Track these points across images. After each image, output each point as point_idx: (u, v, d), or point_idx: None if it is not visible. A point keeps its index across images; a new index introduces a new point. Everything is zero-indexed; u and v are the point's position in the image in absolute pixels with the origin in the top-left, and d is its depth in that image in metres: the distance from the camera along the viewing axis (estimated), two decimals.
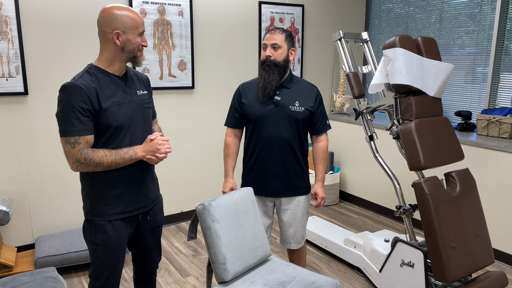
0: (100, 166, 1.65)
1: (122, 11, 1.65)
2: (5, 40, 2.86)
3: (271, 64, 2.21)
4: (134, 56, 1.71)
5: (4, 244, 2.97)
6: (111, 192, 1.74)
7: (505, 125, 3.20)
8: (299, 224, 2.39)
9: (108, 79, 1.69)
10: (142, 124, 1.80)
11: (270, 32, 2.24)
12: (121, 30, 1.65)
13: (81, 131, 1.60)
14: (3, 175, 3.01)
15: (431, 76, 2.43)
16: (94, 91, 1.62)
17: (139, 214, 1.85)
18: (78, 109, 1.59)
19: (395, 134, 2.57)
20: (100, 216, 1.74)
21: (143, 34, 1.73)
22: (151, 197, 1.89)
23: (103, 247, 1.76)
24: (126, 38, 1.66)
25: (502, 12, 3.43)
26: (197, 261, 3.14)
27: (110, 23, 1.65)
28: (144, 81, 1.89)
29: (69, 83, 1.60)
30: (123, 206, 1.77)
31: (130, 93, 1.76)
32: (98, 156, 1.63)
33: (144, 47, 1.73)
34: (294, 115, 2.24)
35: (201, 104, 3.79)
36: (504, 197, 3.06)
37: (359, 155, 4.22)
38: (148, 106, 1.85)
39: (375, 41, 4.59)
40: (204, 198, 3.97)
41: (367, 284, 2.84)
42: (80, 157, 1.61)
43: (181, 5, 3.50)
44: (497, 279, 2.28)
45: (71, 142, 1.60)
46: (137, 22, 1.68)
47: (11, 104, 2.97)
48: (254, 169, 2.33)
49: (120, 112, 1.70)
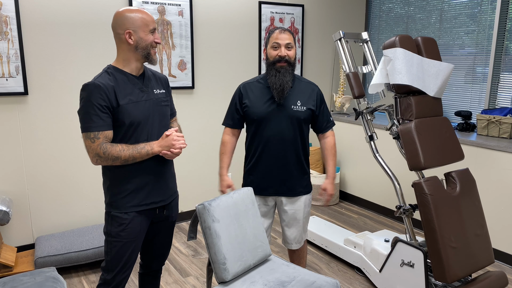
0: (118, 160, 1.73)
1: (132, 12, 1.75)
2: (5, 40, 2.86)
3: (286, 65, 2.20)
4: (148, 53, 1.78)
5: (4, 244, 2.97)
6: (129, 185, 1.81)
7: (505, 125, 3.20)
8: (300, 224, 2.39)
9: (126, 78, 1.78)
10: (159, 121, 1.87)
11: (280, 31, 2.21)
12: (132, 30, 1.73)
13: (100, 126, 1.70)
14: (3, 175, 3.01)
15: (431, 76, 2.43)
16: (111, 89, 1.71)
17: (156, 208, 1.91)
18: (97, 106, 1.68)
19: (395, 134, 2.57)
20: (118, 208, 1.81)
21: (155, 32, 1.80)
22: (168, 191, 1.94)
23: (117, 240, 1.81)
24: (138, 37, 1.74)
25: (502, 12, 3.43)
26: (197, 261, 3.14)
27: (122, 24, 1.74)
28: (162, 81, 1.97)
29: (89, 82, 1.70)
30: (140, 199, 1.83)
31: (147, 92, 1.84)
32: (116, 150, 1.71)
33: (158, 43, 1.81)
34: (296, 114, 2.24)
35: (201, 104, 3.79)
36: (504, 197, 3.06)
37: (359, 155, 4.22)
38: (165, 104, 1.92)
39: (375, 41, 4.59)
40: (204, 198, 3.97)
41: (367, 284, 2.84)
42: (100, 151, 1.70)
43: (181, 5, 3.50)
44: (497, 279, 2.28)
45: (91, 137, 1.69)
46: (147, 20, 1.76)
47: (11, 104, 2.97)
48: (256, 168, 2.33)
49: (137, 109, 1.78)
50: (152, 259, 2.08)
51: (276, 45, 2.21)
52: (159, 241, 2.04)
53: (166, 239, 2.06)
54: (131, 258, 1.86)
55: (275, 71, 2.21)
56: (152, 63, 1.83)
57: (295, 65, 2.27)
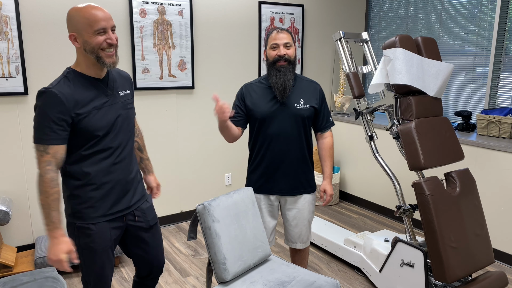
0: (40, 194, 1.60)
1: (77, 11, 1.56)
2: (5, 40, 2.86)
3: (287, 63, 2.21)
4: (97, 56, 1.59)
5: (4, 244, 2.97)
6: (93, 194, 1.70)
7: (505, 125, 3.20)
8: (305, 223, 2.38)
9: (87, 82, 1.63)
10: (126, 126, 1.77)
11: (277, 32, 2.22)
12: (76, 32, 1.57)
13: (51, 140, 1.56)
14: (3, 175, 3.01)
15: (431, 76, 2.43)
16: (71, 97, 1.57)
17: (123, 216, 1.80)
18: (51, 118, 1.55)
19: (395, 134, 2.57)
20: (83, 219, 1.70)
21: (108, 31, 1.59)
22: (135, 197, 1.84)
23: (88, 251, 1.73)
24: (83, 39, 1.57)
25: (502, 12, 3.43)
26: (197, 261, 3.14)
27: (68, 26, 1.60)
28: (127, 80, 1.83)
29: (45, 89, 1.55)
30: (105, 209, 1.73)
31: (112, 95, 1.71)
32: (47, 187, 1.58)
33: (111, 45, 1.60)
34: (300, 112, 2.24)
35: (201, 104, 3.79)
36: (504, 197, 3.06)
37: (359, 155, 4.22)
38: (131, 106, 1.80)
39: (375, 41, 4.59)
40: (204, 198, 3.97)
41: (367, 284, 2.84)
42: (42, 171, 1.57)
43: (181, 5, 3.50)
44: (497, 279, 2.28)
45: (41, 149, 1.57)
46: (91, 20, 1.55)
47: (11, 104, 2.97)
48: (260, 167, 2.32)
49: (101, 116, 1.65)
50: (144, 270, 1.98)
51: (274, 45, 2.22)
52: (148, 249, 1.92)
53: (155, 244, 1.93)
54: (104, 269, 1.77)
55: (275, 71, 2.21)
56: (106, 66, 1.62)
57: (296, 63, 2.27)
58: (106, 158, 1.70)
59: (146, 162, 2.05)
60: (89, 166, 1.68)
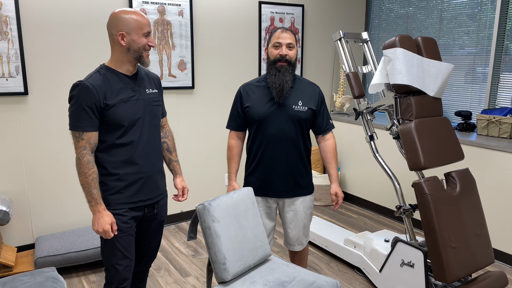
0: (80, 176, 1.76)
1: (127, 14, 1.76)
2: (5, 40, 2.86)
3: (287, 64, 2.20)
4: (140, 56, 1.80)
5: (4, 244, 2.97)
6: (117, 183, 1.83)
7: (505, 125, 3.20)
8: (303, 225, 2.37)
9: (117, 78, 1.81)
10: (150, 121, 1.89)
11: (282, 31, 2.21)
12: (125, 31, 1.75)
13: (85, 127, 1.73)
14: (3, 175, 3.01)
15: (431, 76, 2.43)
16: (101, 89, 1.74)
17: (144, 206, 1.92)
18: (84, 107, 1.72)
19: (395, 134, 2.57)
20: (107, 205, 1.83)
21: (150, 35, 1.82)
22: (157, 190, 1.96)
23: None
24: (131, 39, 1.76)
25: (502, 12, 3.43)
26: (197, 261, 3.14)
27: (116, 25, 1.76)
28: (155, 80, 1.99)
29: (79, 82, 1.73)
30: (128, 197, 1.85)
31: (139, 91, 1.86)
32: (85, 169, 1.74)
33: (152, 47, 1.84)
34: (298, 114, 2.23)
35: (201, 104, 3.79)
36: (504, 197, 3.06)
37: (359, 155, 4.22)
38: (157, 104, 1.94)
39: (375, 41, 4.59)
40: (204, 198, 3.97)
41: (367, 284, 2.85)
42: (80, 154, 1.74)
43: (181, 5, 3.50)
44: (497, 279, 2.28)
45: (76, 136, 1.74)
46: (141, 23, 1.77)
47: (11, 104, 2.97)
48: (257, 169, 2.31)
49: (127, 108, 1.80)
50: (139, 259, 2.08)
51: (277, 44, 2.21)
52: (148, 240, 2.04)
53: (155, 238, 2.06)
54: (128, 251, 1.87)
55: (275, 70, 2.21)
56: (144, 65, 1.86)
57: (296, 65, 2.26)
58: (130, 150, 1.83)
59: (174, 164, 2.14)
60: (113, 156, 1.81)
